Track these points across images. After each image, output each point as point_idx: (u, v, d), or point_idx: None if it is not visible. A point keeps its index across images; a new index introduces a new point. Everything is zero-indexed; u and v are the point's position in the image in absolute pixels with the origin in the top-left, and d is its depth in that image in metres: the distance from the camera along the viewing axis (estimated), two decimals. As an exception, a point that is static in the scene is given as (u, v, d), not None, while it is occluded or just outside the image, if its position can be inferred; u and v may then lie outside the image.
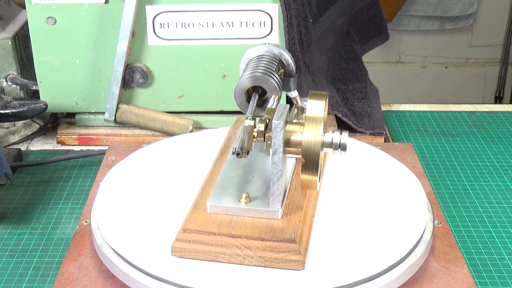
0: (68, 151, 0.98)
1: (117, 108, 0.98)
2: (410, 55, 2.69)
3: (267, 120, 0.61)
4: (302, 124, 0.60)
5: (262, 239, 0.60)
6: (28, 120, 1.03)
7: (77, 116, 1.02)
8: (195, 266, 0.60)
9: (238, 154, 0.60)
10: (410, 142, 0.99)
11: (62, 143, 1.01)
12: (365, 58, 1.18)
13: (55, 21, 0.95)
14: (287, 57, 0.71)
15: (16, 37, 1.01)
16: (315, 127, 0.59)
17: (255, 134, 0.60)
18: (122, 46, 0.94)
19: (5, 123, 1.00)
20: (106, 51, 0.96)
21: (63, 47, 0.96)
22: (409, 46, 2.67)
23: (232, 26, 0.95)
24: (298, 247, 0.60)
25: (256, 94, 0.68)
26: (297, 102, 0.72)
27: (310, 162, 0.59)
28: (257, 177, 0.67)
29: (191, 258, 0.60)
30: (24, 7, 0.97)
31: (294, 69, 0.72)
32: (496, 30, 2.65)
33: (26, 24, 0.99)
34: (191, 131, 0.97)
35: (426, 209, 0.69)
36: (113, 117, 0.98)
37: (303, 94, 0.98)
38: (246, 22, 0.95)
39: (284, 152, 0.61)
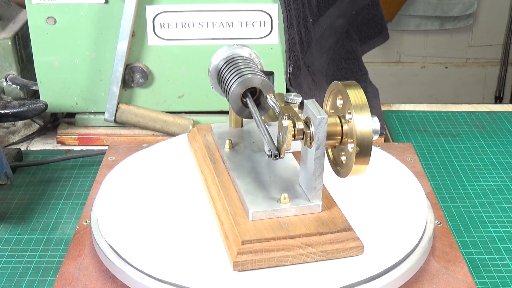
0: (68, 151, 0.98)
1: (117, 108, 0.98)
2: (410, 55, 2.69)
3: (303, 117, 0.61)
4: (336, 116, 0.61)
5: (321, 234, 0.61)
6: (28, 120, 1.03)
7: (77, 116, 1.02)
8: (195, 266, 0.60)
9: (276, 156, 0.60)
10: (410, 142, 0.99)
11: (62, 143, 1.01)
12: (365, 58, 1.18)
13: (55, 21, 0.95)
14: (255, 55, 0.72)
15: (16, 37, 1.01)
16: (365, 115, 0.58)
17: (295, 132, 0.60)
18: (122, 46, 0.94)
19: (5, 123, 1.00)
20: (106, 51, 0.96)
21: (63, 47, 0.96)
22: (409, 46, 2.67)
23: (232, 26, 0.95)
24: (355, 234, 0.61)
25: (251, 96, 0.68)
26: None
27: (365, 150, 0.58)
28: (274, 177, 0.67)
29: (254, 269, 0.59)
30: (24, 7, 0.97)
31: (263, 66, 0.72)
32: (496, 30, 2.65)
33: (26, 24, 1.00)
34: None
35: (426, 209, 0.68)
36: (113, 117, 0.98)
37: (303, 94, 0.98)
38: (246, 22, 0.95)
39: (325, 145, 0.61)
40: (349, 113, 0.59)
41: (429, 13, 2.55)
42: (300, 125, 0.60)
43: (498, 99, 2.73)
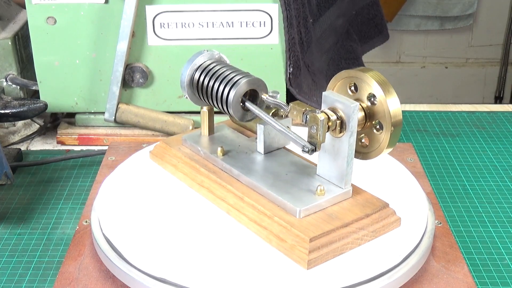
0: (68, 151, 0.98)
1: (117, 108, 0.98)
2: (410, 55, 2.69)
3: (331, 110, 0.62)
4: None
5: (367, 216, 0.63)
6: (28, 120, 1.03)
7: (77, 116, 1.02)
8: (195, 266, 0.60)
9: (313, 150, 0.61)
10: (410, 142, 0.99)
11: (62, 143, 1.01)
12: (365, 58, 1.18)
13: (55, 21, 0.95)
14: (226, 59, 0.72)
15: (16, 37, 1.01)
16: (394, 96, 0.62)
17: (330, 125, 0.61)
18: (122, 46, 0.94)
19: (5, 123, 1.00)
20: (106, 51, 0.96)
21: (63, 47, 0.96)
22: (409, 46, 2.67)
23: (232, 26, 0.95)
24: (391, 208, 0.65)
25: (250, 99, 0.68)
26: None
27: (398, 129, 0.63)
28: (289, 173, 0.68)
29: (322, 263, 0.60)
30: (24, 7, 0.97)
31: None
32: (496, 30, 2.65)
33: (26, 24, 1.00)
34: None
35: (426, 209, 0.68)
36: (113, 117, 0.98)
37: (303, 94, 0.98)
38: (246, 22, 0.95)
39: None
40: (370, 97, 0.62)
41: (429, 13, 2.55)
42: (333, 116, 0.61)
43: (498, 99, 2.73)
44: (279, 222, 0.62)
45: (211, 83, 0.68)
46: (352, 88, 0.64)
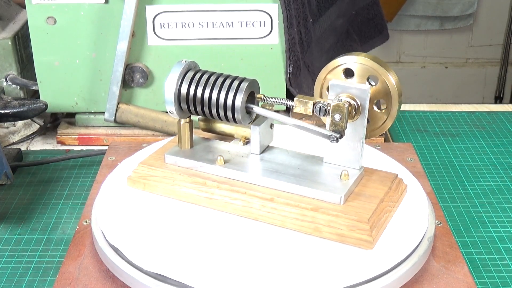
0: (68, 151, 0.99)
1: (117, 108, 0.98)
2: (410, 55, 2.69)
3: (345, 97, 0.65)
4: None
5: (390, 188, 0.67)
6: (28, 120, 1.03)
7: (77, 116, 1.02)
8: (195, 266, 0.60)
9: (341, 136, 0.64)
10: (410, 142, 0.99)
11: (62, 143, 1.01)
12: (365, 58, 1.18)
13: (55, 21, 0.95)
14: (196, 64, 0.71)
15: (16, 37, 1.01)
16: (392, 71, 0.66)
17: (350, 110, 0.64)
18: (122, 46, 0.94)
19: (5, 123, 1.00)
20: (106, 51, 0.96)
21: (63, 47, 0.96)
22: (409, 46, 2.67)
23: (232, 26, 0.95)
24: (400, 177, 0.70)
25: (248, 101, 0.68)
26: None
27: (401, 99, 0.68)
28: (300, 166, 0.69)
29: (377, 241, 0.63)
30: (24, 7, 0.97)
31: None
32: (496, 30, 2.65)
33: (26, 24, 1.00)
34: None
35: (427, 209, 0.68)
36: (113, 117, 0.98)
37: (303, 94, 0.98)
38: (246, 22, 0.95)
39: None
40: (370, 79, 0.66)
41: (429, 13, 2.55)
42: (353, 102, 0.64)
43: (498, 99, 2.73)
44: (326, 213, 0.64)
45: (207, 93, 0.66)
46: (343, 75, 0.67)
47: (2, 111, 0.87)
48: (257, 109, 0.67)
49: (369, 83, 0.66)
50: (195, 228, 0.65)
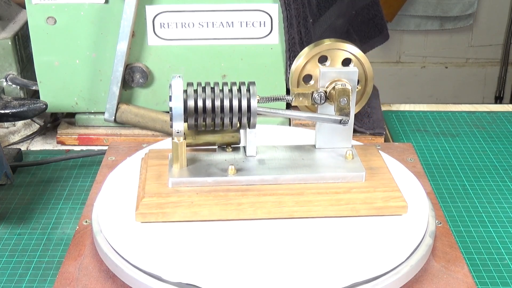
0: (68, 151, 0.99)
1: (117, 108, 0.98)
2: (410, 55, 2.69)
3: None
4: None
5: (378, 157, 0.73)
6: (28, 120, 1.03)
7: (77, 116, 1.02)
8: (195, 265, 0.60)
9: (348, 119, 0.69)
10: (410, 142, 0.99)
11: (62, 143, 1.01)
12: (365, 58, 1.18)
13: (55, 21, 0.95)
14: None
15: (16, 37, 1.01)
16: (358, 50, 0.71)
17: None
18: (122, 46, 0.94)
19: (5, 123, 1.00)
20: (106, 51, 0.96)
21: (63, 47, 0.96)
22: (409, 46, 2.67)
23: (232, 26, 0.95)
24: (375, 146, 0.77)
25: None
26: None
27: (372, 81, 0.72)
28: (302, 157, 0.71)
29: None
30: (24, 7, 0.97)
31: None
32: (496, 30, 2.65)
33: (26, 24, 0.99)
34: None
35: (428, 209, 0.68)
36: (113, 117, 0.98)
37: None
38: (246, 22, 0.95)
39: None
40: (345, 62, 0.70)
41: (429, 13, 2.55)
42: (348, 85, 0.68)
43: (498, 99, 2.73)
44: (360, 191, 0.67)
45: (218, 103, 0.65)
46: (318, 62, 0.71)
47: (2, 111, 0.87)
48: (262, 108, 0.68)
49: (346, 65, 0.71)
50: (195, 228, 0.65)
